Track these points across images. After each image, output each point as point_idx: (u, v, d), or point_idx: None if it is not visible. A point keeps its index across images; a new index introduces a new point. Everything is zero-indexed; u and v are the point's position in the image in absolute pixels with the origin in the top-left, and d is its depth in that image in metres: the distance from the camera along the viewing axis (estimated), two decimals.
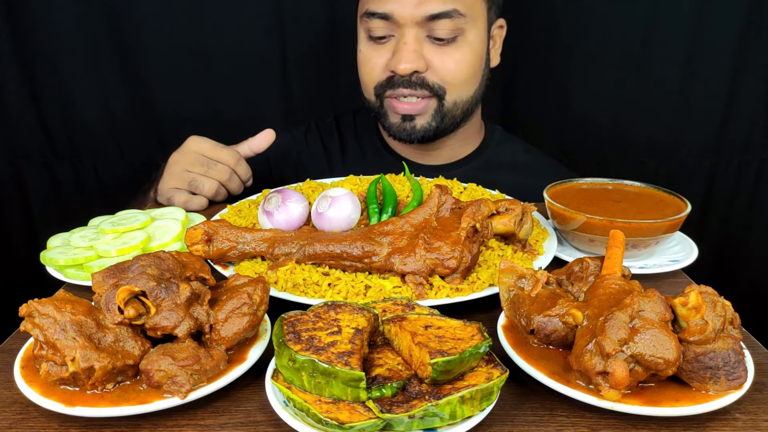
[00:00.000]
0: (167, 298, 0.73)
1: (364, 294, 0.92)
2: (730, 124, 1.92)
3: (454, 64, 1.41)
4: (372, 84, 1.47)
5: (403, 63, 1.37)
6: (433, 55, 1.40)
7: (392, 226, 1.00)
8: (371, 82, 1.47)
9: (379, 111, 1.50)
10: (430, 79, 1.41)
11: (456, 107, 1.46)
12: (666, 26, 1.81)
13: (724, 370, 0.69)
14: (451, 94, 1.44)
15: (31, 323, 0.70)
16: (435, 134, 1.48)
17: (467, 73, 1.44)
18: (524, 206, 1.05)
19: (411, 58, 1.37)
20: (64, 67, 1.84)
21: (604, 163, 1.98)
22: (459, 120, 1.50)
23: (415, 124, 1.46)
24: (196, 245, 1.00)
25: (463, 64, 1.42)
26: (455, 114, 1.48)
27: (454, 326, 0.73)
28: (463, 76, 1.43)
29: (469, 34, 1.41)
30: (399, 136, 1.50)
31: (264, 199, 1.10)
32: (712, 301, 0.70)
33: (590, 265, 0.85)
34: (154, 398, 0.69)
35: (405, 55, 1.37)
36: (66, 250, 1.03)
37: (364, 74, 1.49)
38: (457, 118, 1.49)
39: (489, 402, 0.67)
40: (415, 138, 1.48)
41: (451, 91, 1.44)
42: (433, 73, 1.41)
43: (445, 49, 1.40)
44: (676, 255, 1.11)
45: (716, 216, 2.02)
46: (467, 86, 1.46)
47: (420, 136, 1.48)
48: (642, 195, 1.18)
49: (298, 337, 0.69)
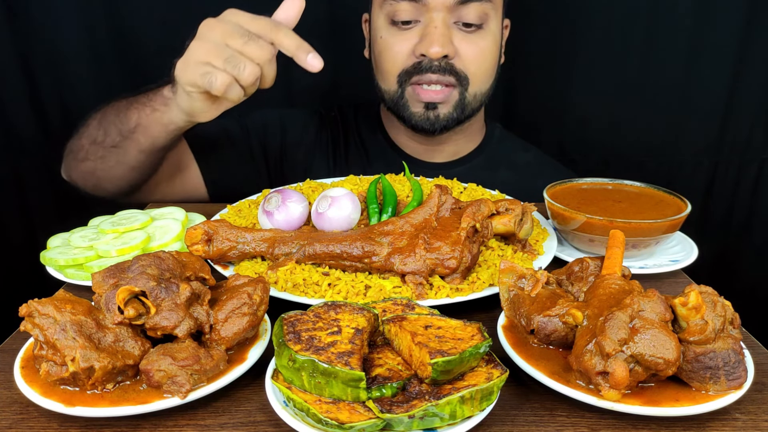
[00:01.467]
0: (167, 298, 0.73)
1: (364, 294, 0.92)
2: (730, 124, 1.92)
3: (479, 52, 1.41)
4: (396, 71, 1.44)
5: (435, 46, 1.35)
6: (460, 42, 1.39)
7: (392, 226, 1.00)
8: (395, 69, 1.44)
9: (399, 102, 1.46)
10: (458, 65, 1.41)
11: (475, 100, 1.47)
12: (666, 26, 1.81)
13: (724, 370, 0.69)
14: (473, 84, 1.44)
15: (31, 323, 0.70)
16: (456, 124, 1.47)
17: (489, 63, 1.45)
18: (524, 206, 1.05)
19: (443, 41, 1.36)
20: (63, 66, 1.84)
21: (603, 163, 1.98)
22: (472, 114, 1.50)
23: (439, 113, 1.45)
24: (196, 245, 1.00)
25: (487, 53, 1.43)
26: (474, 106, 1.48)
27: (454, 326, 0.73)
28: (486, 65, 1.44)
29: (492, 22, 1.42)
30: (422, 125, 1.47)
31: (264, 199, 1.10)
32: (712, 301, 0.70)
33: (590, 265, 0.85)
34: (154, 398, 0.69)
35: (437, 38, 1.36)
36: (66, 250, 1.03)
37: (386, 61, 1.45)
38: (475, 110, 1.49)
39: (489, 402, 0.67)
40: (438, 127, 1.46)
41: (473, 81, 1.44)
42: (460, 61, 1.41)
43: (470, 36, 1.40)
44: (676, 255, 1.11)
45: (716, 216, 2.02)
46: (486, 77, 1.47)
47: (443, 126, 1.46)
48: (642, 195, 1.18)
49: (298, 337, 0.69)
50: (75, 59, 1.83)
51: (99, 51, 1.83)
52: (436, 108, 1.44)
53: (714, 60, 1.84)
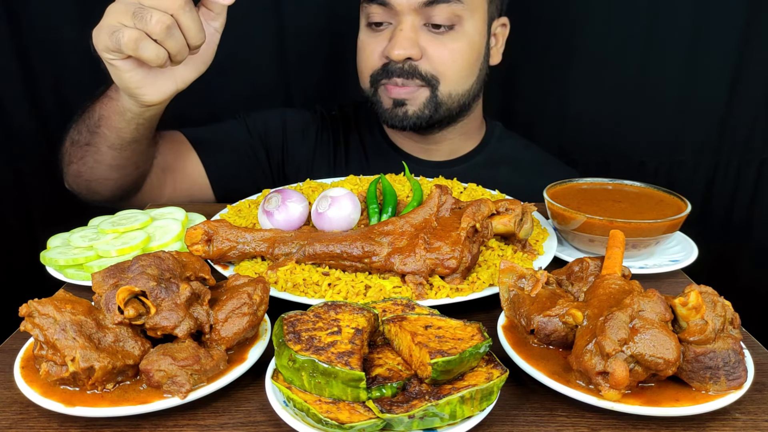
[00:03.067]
0: (167, 298, 0.73)
1: (364, 294, 0.92)
2: (730, 124, 1.92)
3: (448, 53, 1.41)
4: (368, 71, 1.47)
5: (397, 49, 1.37)
6: (429, 43, 1.40)
7: (392, 226, 1.00)
8: (367, 70, 1.48)
9: (373, 100, 1.50)
10: (423, 68, 1.41)
11: (451, 99, 1.46)
12: (666, 26, 1.81)
13: (724, 370, 0.69)
14: (446, 84, 1.44)
15: (31, 323, 0.70)
16: (429, 123, 1.48)
17: (461, 64, 1.44)
18: (524, 206, 1.05)
19: (405, 45, 1.37)
20: (63, 66, 1.84)
21: (603, 162, 1.98)
22: (455, 113, 1.50)
23: (407, 109, 1.46)
24: (196, 245, 1.00)
25: (458, 55, 1.42)
26: (451, 106, 1.47)
27: (454, 326, 0.73)
28: (457, 66, 1.43)
29: (467, 24, 1.41)
30: (391, 122, 1.49)
31: (264, 199, 1.10)
32: (712, 301, 0.70)
33: (590, 265, 0.85)
34: (154, 398, 0.69)
35: (399, 41, 1.37)
36: (66, 250, 1.03)
37: (361, 61, 1.49)
38: (453, 110, 1.49)
39: (489, 402, 0.67)
40: (408, 124, 1.47)
41: (445, 82, 1.43)
42: (427, 62, 1.41)
43: (441, 38, 1.40)
44: (676, 255, 1.11)
45: (716, 216, 2.02)
46: (462, 78, 1.46)
47: (412, 123, 1.47)
48: (642, 195, 1.18)
49: (298, 337, 0.69)
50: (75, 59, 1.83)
51: None
52: (404, 105, 1.45)
53: (714, 60, 1.84)
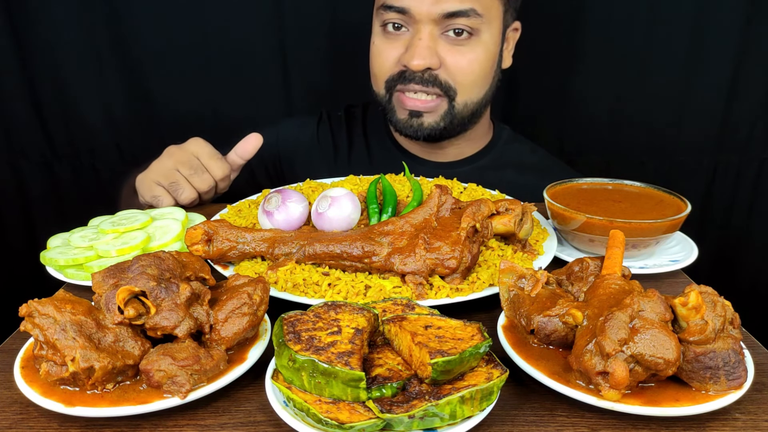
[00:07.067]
0: (167, 298, 0.73)
1: (364, 294, 0.92)
2: (730, 124, 1.92)
3: (466, 63, 1.41)
4: (383, 77, 1.47)
5: (416, 59, 1.37)
6: (447, 53, 1.40)
7: (392, 226, 1.00)
8: (382, 75, 1.47)
9: (387, 106, 1.50)
10: (442, 77, 1.41)
11: (466, 109, 1.47)
12: (666, 26, 1.81)
13: (724, 370, 0.69)
14: (462, 95, 1.44)
15: (31, 323, 0.70)
16: (441, 134, 1.49)
17: (478, 73, 1.44)
18: (524, 206, 1.05)
19: (425, 54, 1.37)
20: (63, 66, 1.84)
21: (603, 163, 1.98)
22: (467, 122, 1.50)
23: (423, 121, 1.46)
24: (196, 245, 1.00)
25: (476, 64, 1.42)
26: (464, 116, 1.48)
27: (454, 326, 0.73)
28: (474, 76, 1.44)
29: (484, 34, 1.41)
30: (405, 132, 1.49)
31: (264, 199, 1.10)
32: (712, 301, 0.70)
33: (590, 265, 0.85)
34: (154, 398, 0.69)
35: (419, 51, 1.37)
36: (66, 250, 1.03)
37: (376, 67, 1.49)
38: (466, 120, 1.49)
39: (489, 402, 0.67)
40: (422, 135, 1.48)
41: (461, 92, 1.44)
42: (446, 72, 1.41)
43: (459, 48, 1.40)
44: (676, 255, 1.11)
45: (716, 216, 2.02)
46: (478, 87, 1.46)
47: (426, 134, 1.47)
48: (642, 195, 1.18)
49: (298, 337, 0.69)
50: (75, 59, 1.84)
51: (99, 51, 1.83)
52: (421, 116, 1.46)
53: (714, 60, 1.84)
